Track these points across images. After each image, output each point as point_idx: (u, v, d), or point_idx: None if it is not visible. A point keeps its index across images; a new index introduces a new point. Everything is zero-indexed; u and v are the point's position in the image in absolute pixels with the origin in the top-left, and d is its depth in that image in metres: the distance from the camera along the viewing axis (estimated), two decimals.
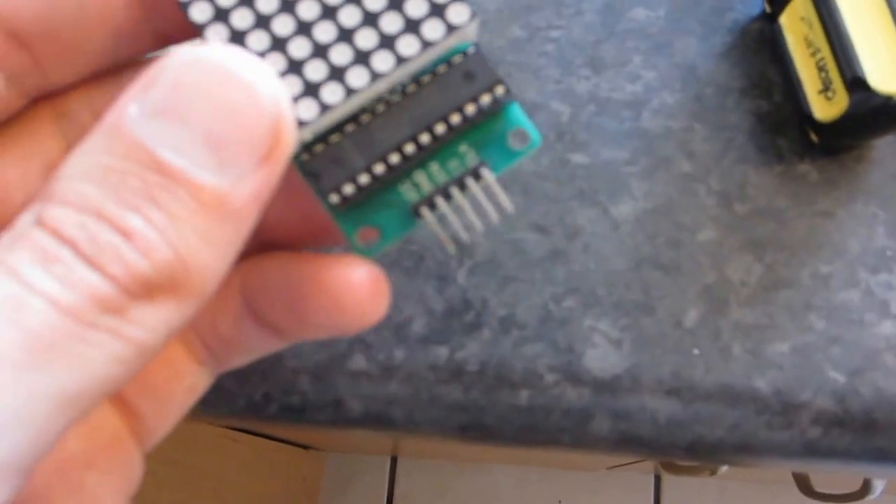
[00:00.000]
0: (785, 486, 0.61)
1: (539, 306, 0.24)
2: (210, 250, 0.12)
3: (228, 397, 0.24)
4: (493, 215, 0.15)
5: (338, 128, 0.14)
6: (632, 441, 0.23)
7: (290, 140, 0.13)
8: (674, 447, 0.23)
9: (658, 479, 0.92)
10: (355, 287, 0.15)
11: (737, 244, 0.24)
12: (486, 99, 0.14)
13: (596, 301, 0.24)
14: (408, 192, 0.15)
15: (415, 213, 0.15)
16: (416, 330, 0.24)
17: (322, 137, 0.14)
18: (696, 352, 0.23)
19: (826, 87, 0.25)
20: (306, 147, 0.14)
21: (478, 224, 0.15)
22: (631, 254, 0.25)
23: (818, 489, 0.50)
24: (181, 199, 0.12)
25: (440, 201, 0.15)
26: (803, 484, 0.51)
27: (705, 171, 0.25)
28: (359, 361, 0.24)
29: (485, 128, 0.15)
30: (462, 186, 0.15)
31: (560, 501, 0.92)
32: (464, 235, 0.15)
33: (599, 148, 0.26)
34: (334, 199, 0.14)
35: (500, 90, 0.14)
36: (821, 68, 0.25)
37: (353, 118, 0.14)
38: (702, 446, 0.23)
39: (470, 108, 0.14)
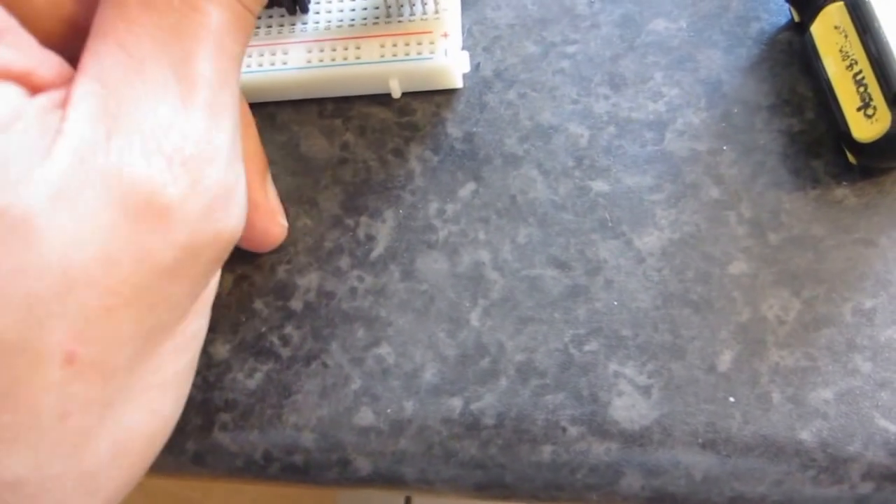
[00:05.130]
0: None
1: (559, 350, 0.21)
2: None
3: (225, 456, 0.21)
4: None
5: None
6: (665, 499, 0.20)
7: None
8: None
9: None
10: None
11: (771, 277, 0.21)
12: None
13: (621, 343, 0.21)
14: None
15: None
16: (428, 379, 0.21)
17: None
18: (731, 399, 0.20)
19: (866, 104, 0.21)
20: None
21: None
22: (657, 290, 0.22)
23: None
24: None
25: None
26: None
27: (735, 197, 0.22)
28: (366, 415, 0.21)
29: None
30: None
31: None
32: None
33: (621, 174, 0.23)
34: None
35: None
36: (859, 83, 0.22)
37: None
38: (742, 503, 0.20)
39: None
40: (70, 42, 0.16)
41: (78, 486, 0.14)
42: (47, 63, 0.15)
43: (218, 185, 0.15)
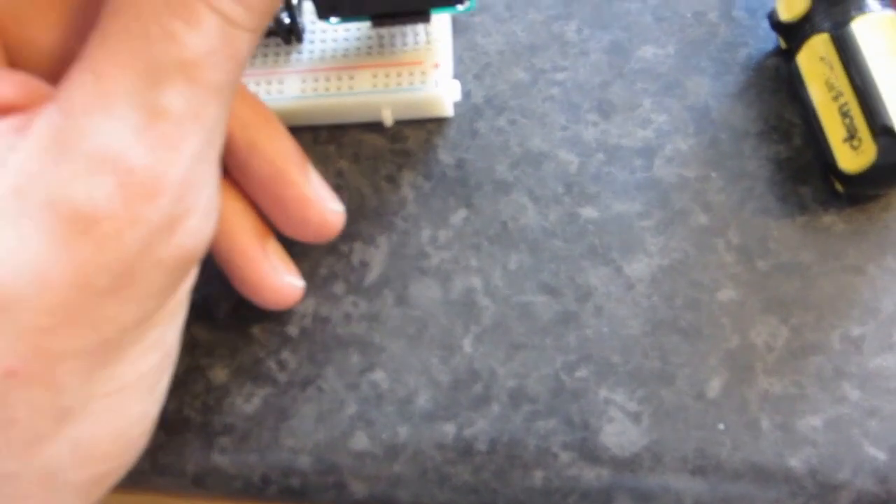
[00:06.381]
0: None
1: (550, 376, 0.21)
2: None
3: (224, 479, 0.21)
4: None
5: None
6: None
7: None
8: None
9: None
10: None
11: (759, 304, 0.21)
12: None
13: (611, 370, 0.21)
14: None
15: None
16: (421, 404, 0.21)
17: None
18: (721, 426, 0.20)
19: (851, 136, 0.21)
20: None
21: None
22: (647, 316, 0.21)
23: None
24: None
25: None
26: None
27: (723, 223, 0.22)
28: (361, 440, 0.21)
29: None
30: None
31: None
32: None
33: (610, 200, 0.23)
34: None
35: None
36: (844, 114, 0.21)
37: None
38: None
39: None
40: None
41: (36, 482, 0.16)
42: (19, 85, 0.15)
43: (161, 218, 0.15)
